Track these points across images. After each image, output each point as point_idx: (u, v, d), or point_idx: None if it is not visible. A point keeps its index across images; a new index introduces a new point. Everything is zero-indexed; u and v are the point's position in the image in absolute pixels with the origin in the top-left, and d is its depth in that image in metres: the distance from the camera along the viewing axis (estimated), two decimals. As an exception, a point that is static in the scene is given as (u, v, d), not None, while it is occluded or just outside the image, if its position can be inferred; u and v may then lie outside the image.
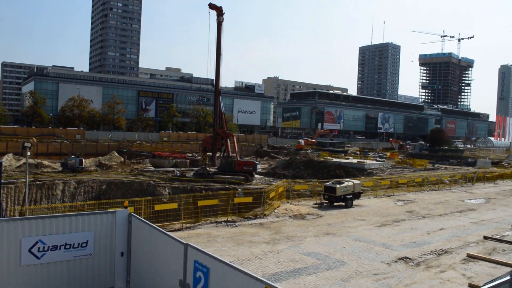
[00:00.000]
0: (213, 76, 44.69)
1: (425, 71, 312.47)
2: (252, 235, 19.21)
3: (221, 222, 21.53)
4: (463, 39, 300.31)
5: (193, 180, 37.52)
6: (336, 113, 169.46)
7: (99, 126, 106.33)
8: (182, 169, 47.33)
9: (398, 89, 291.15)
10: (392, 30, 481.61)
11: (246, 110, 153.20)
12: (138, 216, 11.17)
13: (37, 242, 9.82)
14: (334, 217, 24.11)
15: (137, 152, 64.37)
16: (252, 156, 73.21)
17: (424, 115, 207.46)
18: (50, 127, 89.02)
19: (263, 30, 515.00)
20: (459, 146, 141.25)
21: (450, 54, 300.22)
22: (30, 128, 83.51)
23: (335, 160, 60.87)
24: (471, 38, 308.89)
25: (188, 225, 20.59)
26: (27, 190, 26.52)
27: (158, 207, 20.38)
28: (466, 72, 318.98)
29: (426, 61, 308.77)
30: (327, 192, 27.83)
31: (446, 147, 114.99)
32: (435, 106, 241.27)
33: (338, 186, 27.36)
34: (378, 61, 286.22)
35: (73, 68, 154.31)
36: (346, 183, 28.15)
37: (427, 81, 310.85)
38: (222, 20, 42.72)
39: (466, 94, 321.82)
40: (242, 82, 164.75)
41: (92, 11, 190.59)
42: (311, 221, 22.84)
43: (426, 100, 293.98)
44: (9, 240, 9.58)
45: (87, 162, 47.95)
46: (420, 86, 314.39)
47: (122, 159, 54.93)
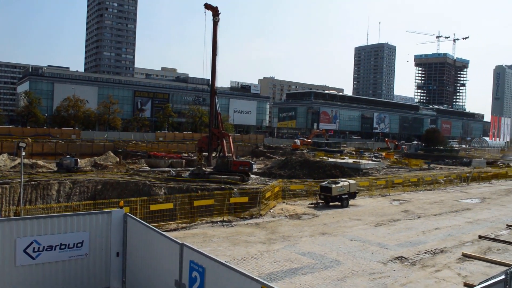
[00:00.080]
0: (209, 76, 44.67)
1: (420, 72, 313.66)
2: (248, 235, 19.20)
3: (217, 222, 21.52)
4: (458, 39, 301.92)
5: (189, 180, 37.50)
6: (332, 113, 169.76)
7: (95, 126, 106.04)
8: (178, 169, 47.33)
9: (393, 89, 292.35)
10: (387, 31, 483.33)
11: (242, 110, 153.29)
12: (133, 216, 11.15)
13: (32, 243, 9.77)
14: (329, 217, 24.14)
15: (132, 152, 64.25)
16: (248, 156, 73.26)
17: (419, 115, 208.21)
18: (45, 127, 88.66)
19: (259, 30, 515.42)
20: (454, 146, 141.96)
21: (445, 54, 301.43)
22: (25, 128, 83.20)
23: (330, 160, 61.02)
24: (466, 38, 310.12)
25: (184, 225, 20.57)
26: (22, 190, 26.44)
27: (153, 207, 20.32)
28: (461, 72, 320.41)
29: (421, 61, 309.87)
30: (323, 192, 27.86)
31: (441, 147, 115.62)
32: (431, 106, 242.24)
33: (333, 186, 27.40)
34: (373, 61, 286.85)
35: (68, 68, 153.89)
36: (341, 183, 28.20)
37: (423, 81, 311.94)
38: (218, 20, 42.72)
39: (461, 94, 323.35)
40: (238, 82, 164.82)
41: (88, 11, 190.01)
42: (307, 221, 22.86)
43: (422, 100, 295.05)
44: (4, 240, 9.52)
45: (82, 162, 47.81)
46: (415, 86, 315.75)
47: (118, 159, 54.84)
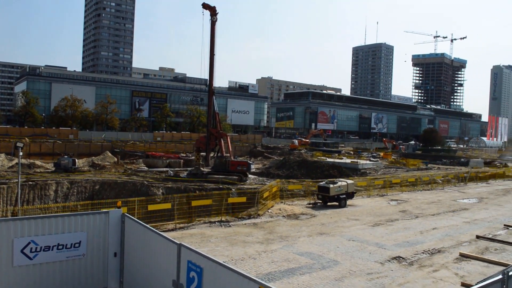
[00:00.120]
0: (206, 76, 44.57)
1: (418, 72, 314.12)
2: (246, 235, 19.20)
3: (214, 222, 21.50)
4: (455, 39, 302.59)
5: (186, 180, 37.43)
6: (330, 113, 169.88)
7: (92, 126, 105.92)
8: (176, 169, 47.23)
9: (391, 89, 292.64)
10: (385, 31, 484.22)
11: (240, 110, 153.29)
12: (131, 216, 11.13)
13: (29, 243, 9.75)
14: (327, 217, 24.15)
15: (130, 152, 64.12)
16: (246, 156, 73.21)
17: (417, 115, 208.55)
18: (42, 127, 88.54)
19: (257, 30, 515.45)
20: (452, 146, 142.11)
21: (443, 54, 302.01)
22: (23, 128, 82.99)
23: (328, 160, 61.02)
24: (463, 38, 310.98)
25: (181, 225, 20.55)
26: (20, 191, 26.36)
27: (151, 207, 20.31)
28: (459, 72, 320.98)
29: (419, 61, 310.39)
30: (321, 192, 27.87)
31: (439, 147, 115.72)
32: (428, 106, 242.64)
33: (331, 186, 27.41)
34: (371, 61, 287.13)
35: (66, 68, 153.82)
36: (339, 183, 28.21)
37: (420, 81, 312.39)
38: (216, 20, 42.61)
39: (458, 94, 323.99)
40: (236, 82, 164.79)
41: (85, 11, 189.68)
42: (305, 221, 22.87)
43: (419, 100, 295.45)
44: (1, 240, 9.51)
45: (80, 162, 47.70)
46: (413, 86, 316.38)
47: (116, 159, 54.73)
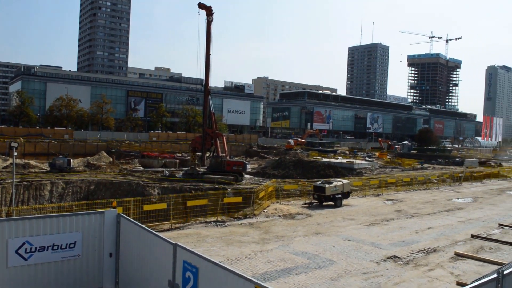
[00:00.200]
0: (202, 76, 44.54)
1: (413, 72, 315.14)
2: (242, 235, 19.19)
3: (210, 222, 21.47)
4: (450, 40, 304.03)
5: (182, 180, 37.40)
6: (326, 113, 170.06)
7: (88, 126, 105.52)
8: (172, 169, 47.20)
9: (387, 89, 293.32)
10: (381, 31, 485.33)
11: (236, 110, 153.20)
12: (126, 216, 11.10)
13: (24, 243, 9.70)
14: (323, 216, 24.18)
15: (126, 152, 63.97)
16: (241, 156, 73.24)
17: (412, 115, 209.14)
18: (37, 127, 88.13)
19: (253, 30, 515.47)
20: (447, 146, 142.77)
21: (438, 54, 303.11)
22: (17, 128, 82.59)
23: (324, 160, 61.11)
24: (458, 39, 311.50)
25: (177, 225, 20.51)
26: (14, 191, 26.24)
27: (147, 208, 20.26)
28: (454, 72, 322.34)
29: (414, 61, 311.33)
30: (317, 191, 27.90)
31: (434, 147, 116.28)
32: (423, 106, 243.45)
33: (327, 185, 27.44)
34: (367, 61, 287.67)
35: (61, 67, 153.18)
36: (335, 183, 28.26)
37: (416, 81, 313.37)
38: (212, 20, 42.61)
39: (453, 94, 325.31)
40: (232, 82, 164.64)
41: (81, 10, 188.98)
42: (301, 220, 22.88)
43: (415, 100, 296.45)
44: (-5, 241, 9.45)
45: (75, 162, 47.54)
46: (408, 86, 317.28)
47: (111, 159, 54.57)
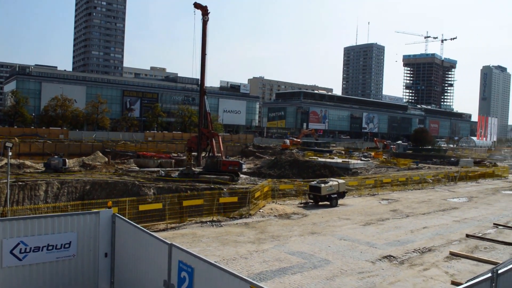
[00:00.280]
0: (198, 76, 44.49)
1: (409, 72, 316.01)
2: (238, 234, 19.19)
3: (206, 222, 21.46)
4: (446, 40, 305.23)
5: (178, 180, 37.34)
6: (321, 113, 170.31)
7: (83, 126, 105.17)
8: (167, 169, 47.11)
9: (382, 89, 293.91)
10: (376, 31, 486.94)
11: (232, 110, 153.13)
12: (122, 216, 11.07)
13: (18, 244, 9.65)
14: (319, 216, 24.21)
15: (121, 152, 63.82)
16: (237, 156, 73.22)
17: (408, 115, 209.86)
18: (32, 127, 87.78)
19: (248, 30, 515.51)
20: (442, 145, 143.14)
21: (433, 55, 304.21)
22: (12, 128, 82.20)
23: (320, 159, 61.18)
24: (454, 39, 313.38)
25: (173, 225, 20.49)
26: (9, 191, 26.12)
27: (142, 208, 20.22)
28: (449, 72, 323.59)
29: (410, 61, 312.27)
30: (312, 191, 27.93)
31: (430, 147, 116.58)
32: (419, 106, 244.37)
33: (323, 185, 27.47)
34: (362, 61, 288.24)
35: (56, 67, 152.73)
36: (331, 183, 28.30)
37: (411, 81, 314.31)
38: (207, 20, 42.57)
39: (449, 94, 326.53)
40: (228, 82, 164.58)
41: (76, 10, 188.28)
42: (296, 220, 22.91)
43: (410, 100, 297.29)
44: (-10, 241, 9.40)
45: (70, 162, 47.35)
46: (404, 86, 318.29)
47: (106, 159, 54.44)
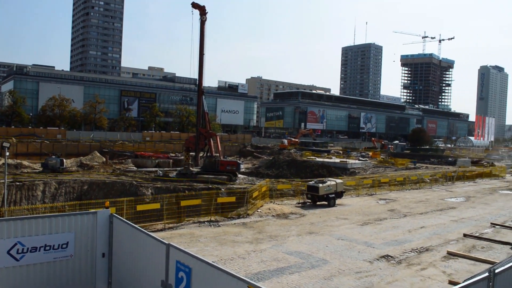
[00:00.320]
0: (196, 76, 44.45)
1: (406, 72, 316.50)
2: (235, 234, 19.19)
3: (204, 222, 21.46)
4: (443, 40, 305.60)
5: (176, 180, 37.30)
6: (319, 113, 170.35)
7: (81, 126, 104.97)
8: (165, 169, 47.06)
9: (380, 89, 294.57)
10: (374, 31, 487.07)
11: (230, 110, 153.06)
12: (119, 216, 11.06)
13: (16, 244, 9.63)
14: (317, 216, 24.23)
15: (119, 152, 63.72)
16: (235, 156, 73.18)
17: (405, 115, 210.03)
18: (30, 127, 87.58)
19: (246, 30, 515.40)
20: (440, 145, 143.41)
21: (431, 55, 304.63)
22: (10, 128, 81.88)
23: (318, 159, 61.20)
24: (451, 39, 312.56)
25: (170, 225, 20.48)
26: (6, 191, 26.08)
27: (140, 208, 20.21)
28: (447, 72, 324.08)
29: (407, 61, 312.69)
30: (310, 191, 27.96)
31: (427, 147, 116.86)
32: (417, 106, 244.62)
33: (321, 185, 27.50)
34: (360, 61, 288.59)
35: (53, 67, 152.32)
36: (328, 183, 28.33)
37: (409, 81, 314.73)
38: (205, 19, 42.52)
39: (446, 94, 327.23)
40: (226, 82, 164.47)
41: (73, 9, 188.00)
42: (294, 220, 22.92)
43: (408, 100, 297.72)
44: (-13, 242, 9.37)
45: (68, 163, 47.29)
46: (401, 86, 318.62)
47: (104, 159, 54.36)
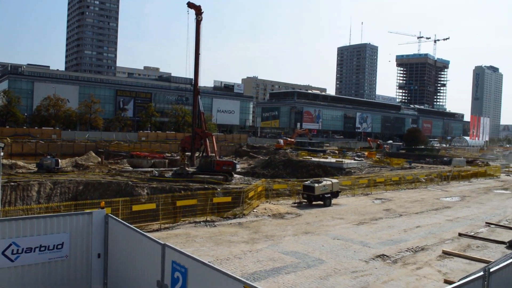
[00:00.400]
0: (192, 76, 44.42)
1: (402, 72, 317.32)
2: (231, 234, 19.17)
3: (200, 222, 21.42)
4: (438, 40, 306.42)
5: (171, 180, 37.24)
6: (315, 113, 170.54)
7: (76, 126, 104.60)
8: (161, 169, 46.98)
9: (375, 89, 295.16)
10: (370, 31, 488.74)
11: (225, 110, 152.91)
12: (115, 217, 11.03)
13: (10, 245, 9.57)
14: (312, 216, 24.25)
15: (114, 152, 63.55)
16: (231, 155, 73.16)
17: (401, 115, 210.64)
18: (24, 127, 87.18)
19: (242, 29, 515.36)
20: (435, 145, 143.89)
21: (426, 55, 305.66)
22: (4, 128, 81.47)
23: (314, 159, 61.25)
24: (446, 39, 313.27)
25: (166, 225, 20.43)
26: (1, 192, 25.95)
27: (136, 208, 20.12)
28: (442, 72, 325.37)
29: (403, 61, 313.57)
30: (306, 191, 27.97)
31: (423, 146, 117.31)
32: (412, 106, 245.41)
33: (316, 185, 27.52)
34: (356, 61, 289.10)
35: (48, 66, 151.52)
36: (324, 182, 28.35)
37: (404, 81, 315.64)
38: (201, 19, 42.47)
39: (441, 94, 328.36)
40: (221, 82, 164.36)
41: (68, 9, 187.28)
42: (290, 220, 22.93)
43: (403, 100, 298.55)
44: (-19, 242, 9.33)
45: (63, 163, 47.13)
46: (397, 86, 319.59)
47: (100, 159, 54.25)
